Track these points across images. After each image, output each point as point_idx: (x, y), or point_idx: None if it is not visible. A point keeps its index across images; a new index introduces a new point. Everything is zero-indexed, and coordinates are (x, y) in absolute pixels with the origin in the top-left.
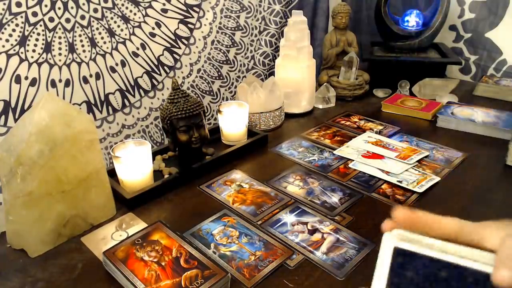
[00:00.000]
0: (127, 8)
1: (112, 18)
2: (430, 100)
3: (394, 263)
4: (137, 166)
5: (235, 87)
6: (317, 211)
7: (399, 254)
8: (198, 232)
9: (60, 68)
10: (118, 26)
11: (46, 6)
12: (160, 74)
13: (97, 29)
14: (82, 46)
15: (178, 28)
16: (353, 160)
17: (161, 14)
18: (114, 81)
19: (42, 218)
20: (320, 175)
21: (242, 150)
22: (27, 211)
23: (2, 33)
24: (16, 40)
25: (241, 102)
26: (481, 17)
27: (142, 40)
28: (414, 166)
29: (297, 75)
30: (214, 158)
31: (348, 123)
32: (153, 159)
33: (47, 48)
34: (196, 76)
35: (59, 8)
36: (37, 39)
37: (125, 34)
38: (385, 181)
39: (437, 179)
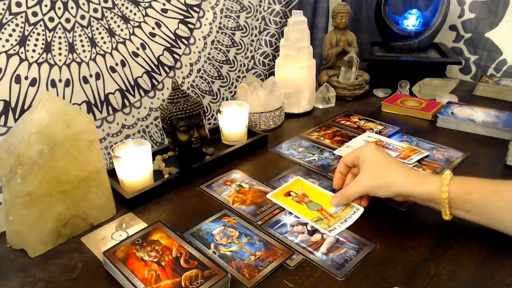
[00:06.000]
0: (127, 8)
1: (112, 18)
2: (430, 100)
3: None
4: (137, 166)
5: (235, 87)
6: None
7: None
8: (198, 232)
9: (60, 68)
10: (118, 26)
11: (46, 6)
12: (160, 74)
13: (97, 29)
14: (82, 46)
15: (178, 28)
16: None
17: (161, 14)
18: (114, 81)
19: (42, 218)
20: (320, 175)
21: (242, 150)
22: (27, 211)
23: (2, 33)
24: (16, 40)
25: (241, 102)
26: (481, 17)
27: (142, 40)
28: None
29: (297, 75)
30: (214, 158)
31: (348, 123)
32: (153, 159)
33: (47, 48)
34: (196, 76)
35: (59, 8)
36: (37, 39)
37: (125, 34)
38: None
39: None
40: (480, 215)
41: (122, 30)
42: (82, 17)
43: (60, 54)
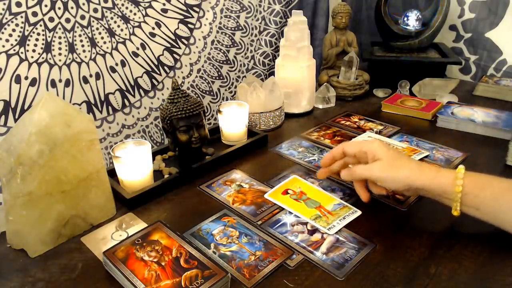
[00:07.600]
0: (127, 8)
1: (112, 18)
2: (430, 100)
3: None
4: (137, 166)
5: (235, 87)
6: None
7: None
8: (198, 232)
9: (60, 68)
10: (118, 26)
11: (46, 6)
12: (160, 74)
13: (97, 29)
14: (82, 46)
15: (178, 28)
16: None
17: (161, 14)
18: (114, 81)
19: (42, 218)
20: None
21: (242, 150)
22: (27, 211)
23: (2, 33)
24: (16, 40)
25: (241, 102)
26: (481, 17)
27: (142, 40)
28: None
29: (297, 75)
30: (214, 158)
31: (348, 123)
32: (153, 159)
33: (47, 48)
34: (196, 76)
35: (59, 8)
36: (37, 39)
37: (125, 34)
38: None
39: None
40: (489, 213)
41: (122, 30)
42: (82, 17)
43: (60, 54)
